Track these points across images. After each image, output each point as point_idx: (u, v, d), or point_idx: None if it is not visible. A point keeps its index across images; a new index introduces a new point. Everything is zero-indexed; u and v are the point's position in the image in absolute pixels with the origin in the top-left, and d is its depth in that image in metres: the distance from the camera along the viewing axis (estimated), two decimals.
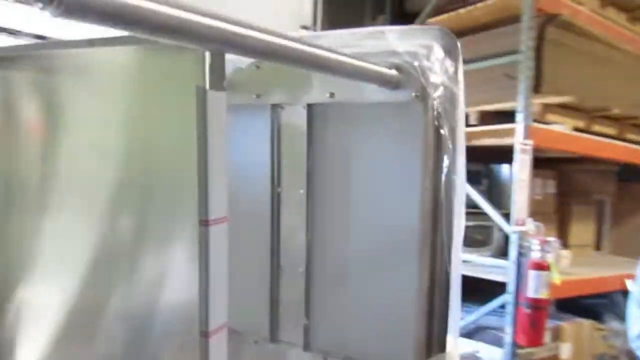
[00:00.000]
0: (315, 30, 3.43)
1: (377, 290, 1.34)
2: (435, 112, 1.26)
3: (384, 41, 1.30)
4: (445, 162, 1.29)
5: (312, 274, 1.41)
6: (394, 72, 1.23)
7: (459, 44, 1.31)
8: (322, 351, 1.40)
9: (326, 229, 1.39)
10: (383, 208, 1.33)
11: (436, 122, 1.27)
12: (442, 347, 1.37)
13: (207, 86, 0.76)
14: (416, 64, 1.24)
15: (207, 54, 0.76)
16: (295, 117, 1.39)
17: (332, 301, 1.40)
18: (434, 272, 1.32)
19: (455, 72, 1.30)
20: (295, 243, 1.42)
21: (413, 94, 1.25)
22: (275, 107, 1.42)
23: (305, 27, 3.38)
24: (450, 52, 1.29)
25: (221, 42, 0.74)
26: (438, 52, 1.27)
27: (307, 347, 1.42)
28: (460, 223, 1.35)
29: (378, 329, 1.35)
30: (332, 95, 1.33)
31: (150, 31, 0.67)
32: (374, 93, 1.27)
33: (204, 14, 0.71)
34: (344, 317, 1.38)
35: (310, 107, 1.37)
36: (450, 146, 1.29)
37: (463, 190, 1.34)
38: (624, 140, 3.60)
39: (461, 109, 1.32)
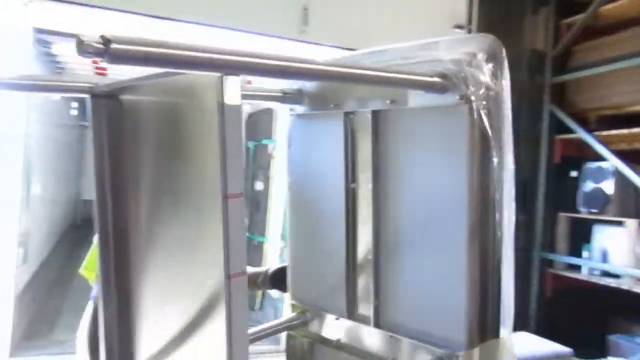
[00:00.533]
0: (470, 29, 3.66)
1: (432, 277, 1.63)
2: (480, 113, 1.54)
3: (435, 51, 1.62)
4: (492, 159, 1.56)
5: (379, 260, 1.75)
6: (436, 79, 1.54)
7: (504, 50, 1.58)
8: (389, 329, 1.74)
9: (389, 221, 1.72)
10: (435, 201, 1.62)
11: (481, 122, 1.55)
12: (496, 334, 1.63)
13: (225, 100, 1.20)
14: (458, 69, 1.54)
15: (225, 77, 1.21)
16: (363, 122, 1.75)
17: (395, 285, 1.72)
18: (485, 262, 1.58)
19: (501, 75, 1.57)
20: (365, 233, 1.79)
21: (457, 97, 1.55)
22: (347, 115, 1.79)
23: (459, 27, 3.63)
24: (495, 57, 1.55)
25: (231, 68, 1.18)
26: (481, 58, 1.54)
27: (377, 324, 1.75)
28: (511, 217, 1.60)
29: (435, 312, 1.64)
30: (392, 102, 1.68)
31: (176, 66, 1.13)
32: (425, 98, 1.59)
33: (215, 51, 1.15)
34: (406, 299, 1.71)
35: (374, 113, 1.72)
36: (495, 144, 1.56)
37: (512, 186, 1.59)
38: None
39: (507, 109, 1.58)
